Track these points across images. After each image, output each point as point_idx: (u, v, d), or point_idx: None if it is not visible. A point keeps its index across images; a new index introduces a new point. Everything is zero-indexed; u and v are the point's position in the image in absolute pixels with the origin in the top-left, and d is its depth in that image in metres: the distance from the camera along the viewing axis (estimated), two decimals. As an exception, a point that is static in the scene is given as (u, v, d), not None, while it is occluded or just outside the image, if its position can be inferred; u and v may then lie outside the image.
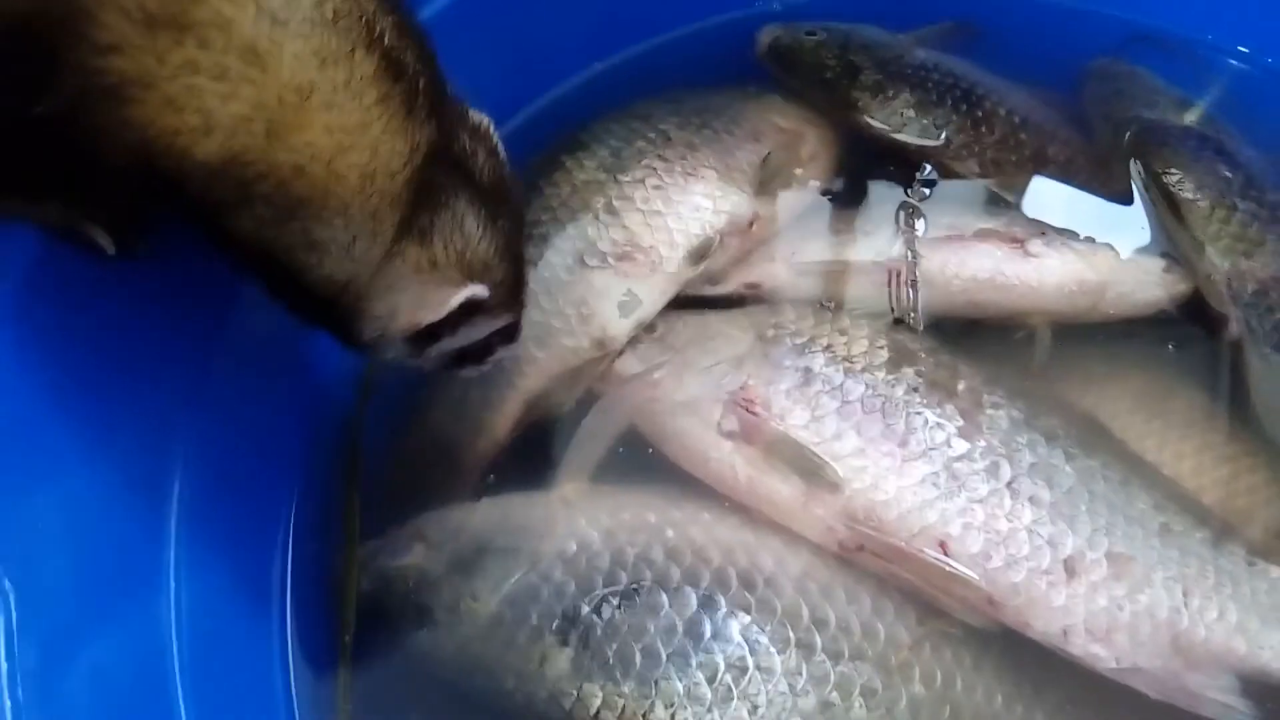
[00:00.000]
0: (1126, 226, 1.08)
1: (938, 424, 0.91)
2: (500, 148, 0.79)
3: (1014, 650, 0.87)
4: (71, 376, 0.67)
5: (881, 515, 0.88)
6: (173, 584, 0.72)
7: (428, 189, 0.70)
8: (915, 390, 0.93)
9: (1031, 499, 0.88)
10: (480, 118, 0.78)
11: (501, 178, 0.77)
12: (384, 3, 0.67)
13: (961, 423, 0.91)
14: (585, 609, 0.85)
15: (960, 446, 0.90)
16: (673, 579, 0.86)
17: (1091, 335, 1.05)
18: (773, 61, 1.20)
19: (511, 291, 0.79)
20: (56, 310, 0.67)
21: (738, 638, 0.84)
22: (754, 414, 0.92)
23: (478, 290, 0.74)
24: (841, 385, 0.93)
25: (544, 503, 0.92)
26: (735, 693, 0.82)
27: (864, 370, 0.94)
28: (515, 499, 0.93)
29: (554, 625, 0.84)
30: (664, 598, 0.85)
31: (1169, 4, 1.20)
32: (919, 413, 0.91)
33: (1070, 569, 0.86)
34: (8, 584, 0.56)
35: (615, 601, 0.85)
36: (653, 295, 1.02)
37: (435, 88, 0.70)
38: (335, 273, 0.69)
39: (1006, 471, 0.89)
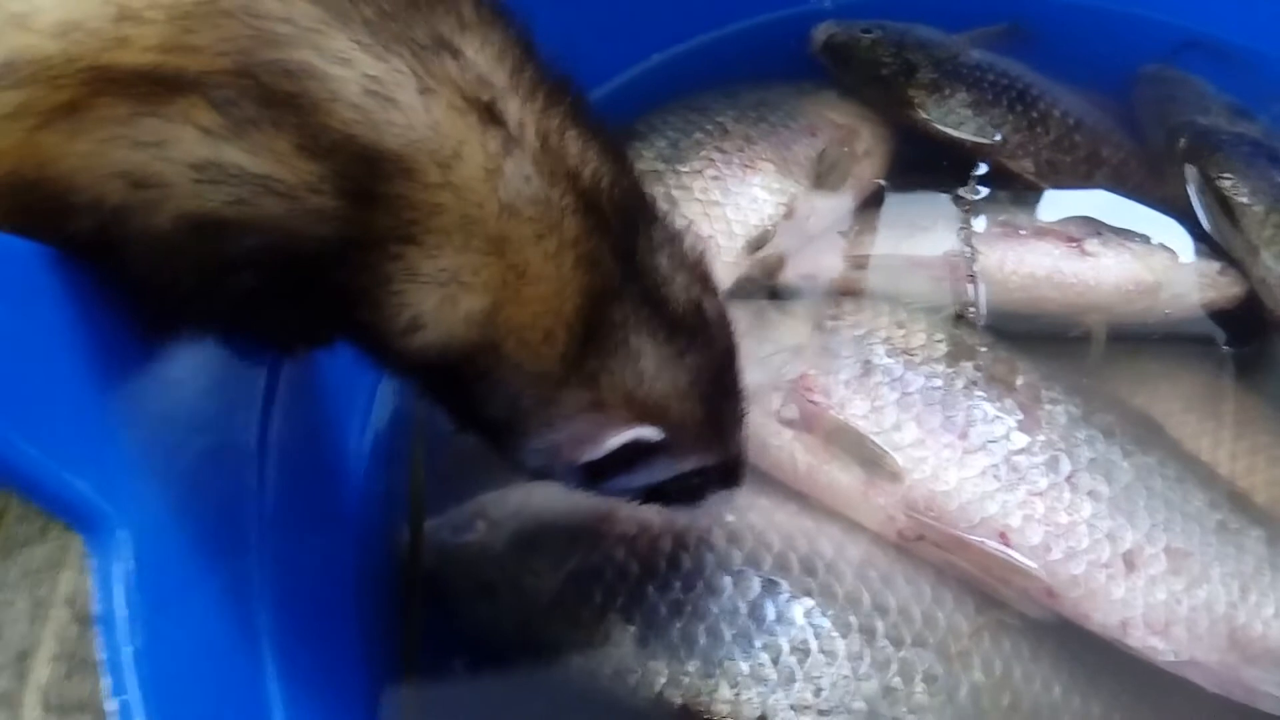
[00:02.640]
0: (1181, 229, 1.08)
1: (997, 417, 0.91)
2: (711, 276, 0.72)
3: (1071, 641, 0.88)
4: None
5: (942, 505, 0.89)
6: (257, 541, 0.74)
7: (604, 329, 0.65)
8: (974, 384, 0.93)
9: (1091, 493, 0.89)
10: (693, 242, 0.72)
11: (699, 309, 0.70)
12: (597, 147, 0.64)
13: (1021, 416, 0.92)
14: (649, 589, 0.85)
15: (1020, 440, 0.91)
16: (735, 562, 0.86)
17: (1146, 336, 1.06)
18: (828, 58, 1.22)
19: (705, 432, 0.71)
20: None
21: (801, 621, 0.84)
22: (813, 403, 0.93)
23: (644, 433, 0.67)
24: (901, 377, 0.93)
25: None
26: (799, 674, 0.83)
27: (923, 363, 0.94)
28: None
29: (618, 604, 0.85)
30: (727, 580, 0.86)
31: (1221, 11, 1.21)
32: (978, 406, 0.92)
33: (1129, 563, 0.87)
34: (124, 534, 0.57)
35: (678, 584, 0.86)
36: (710, 284, 1.03)
37: (635, 218, 0.67)
38: (499, 415, 0.66)
39: (1066, 466, 0.90)
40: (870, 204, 1.12)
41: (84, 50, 0.54)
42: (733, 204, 1.07)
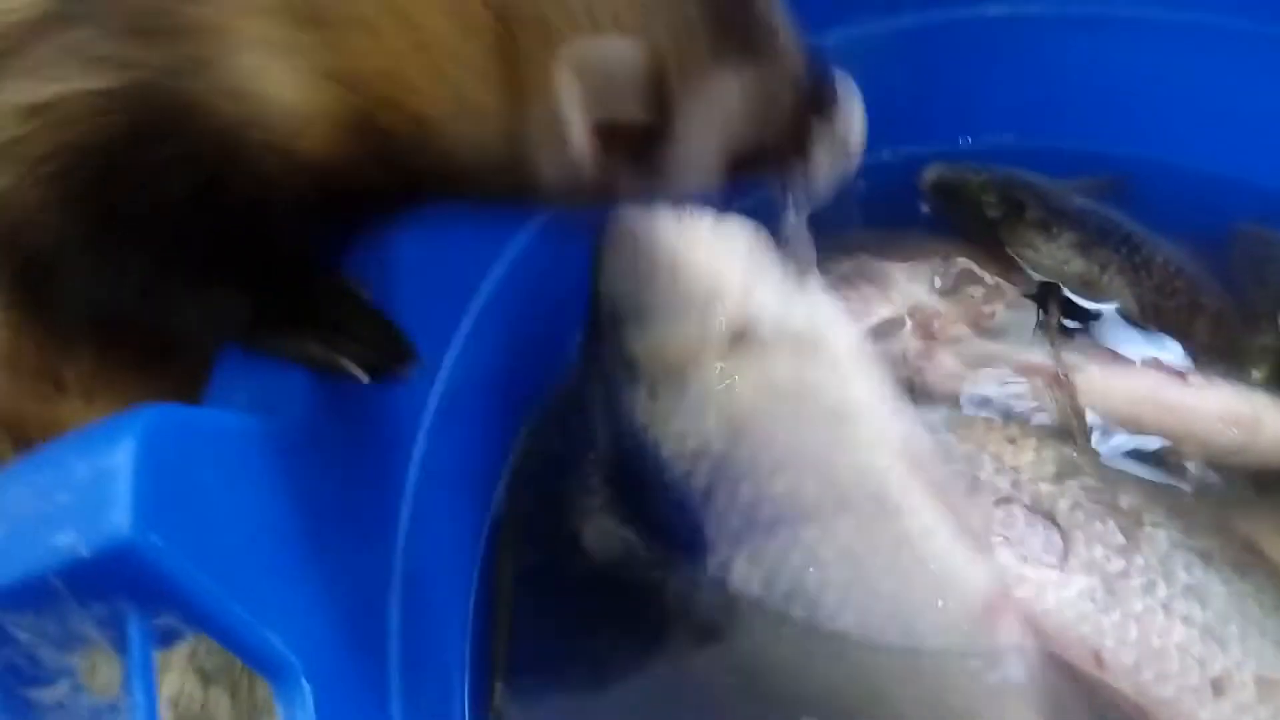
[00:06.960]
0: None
1: (1099, 540, 0.94)
2: None
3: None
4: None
5: (1040, 624, 0.92)
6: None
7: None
8: (1078, 506, 0.96)
9: (1184, 618, 0.91)
10: None
11: None
12: None
13: (1122, 540, 0.94)
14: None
15: (1118, 564, 0.93)
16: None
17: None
18: (937, 196, 1.28)
19: (716, 38, 0.55)
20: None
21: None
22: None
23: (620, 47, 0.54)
24: (1008, 496, 0.97)
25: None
26: None
27: (1030, 481, 0.97)
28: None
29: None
30: None
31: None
32: (1080, 528, 0.95)
33: (1218, 688, 0.89)
34: (305, 684, 0.61)
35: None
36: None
37: None
38: (497, 158, 0.60)
39: (1162, 590, 0.92)
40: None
41: None
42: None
